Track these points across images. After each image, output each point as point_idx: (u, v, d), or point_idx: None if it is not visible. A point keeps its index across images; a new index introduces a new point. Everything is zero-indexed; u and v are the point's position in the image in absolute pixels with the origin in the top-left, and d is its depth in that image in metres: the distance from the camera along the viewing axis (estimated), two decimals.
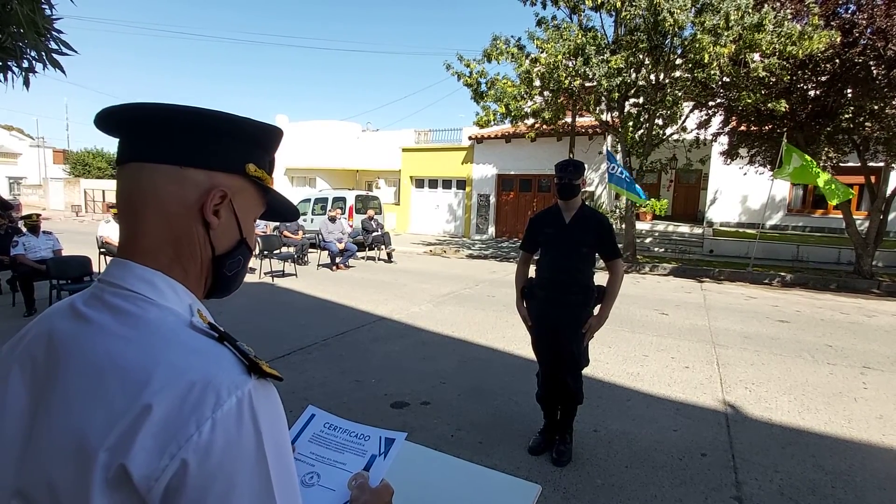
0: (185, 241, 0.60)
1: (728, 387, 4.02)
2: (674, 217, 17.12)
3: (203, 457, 0.47)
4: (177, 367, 0.50)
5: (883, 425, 3.40)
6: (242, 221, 0.65)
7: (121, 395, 0.49)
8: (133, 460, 0.46)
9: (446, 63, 10.56)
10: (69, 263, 5.92)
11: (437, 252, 13.26)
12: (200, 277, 0.64)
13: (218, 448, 0.48)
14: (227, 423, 0.49)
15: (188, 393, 0.49)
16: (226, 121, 0.61)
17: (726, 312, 6.82)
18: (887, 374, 4.46)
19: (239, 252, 0.66)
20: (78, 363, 0.53)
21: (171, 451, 0.47)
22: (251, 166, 0.64)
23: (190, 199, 0.59)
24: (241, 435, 0.49)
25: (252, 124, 0.63)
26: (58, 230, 7.28)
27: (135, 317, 0.55)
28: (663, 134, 10.61)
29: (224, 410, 0.49)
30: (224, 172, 0.61)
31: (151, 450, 0.47)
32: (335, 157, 20.49)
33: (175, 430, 0.47)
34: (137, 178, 0.59)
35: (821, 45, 7.86)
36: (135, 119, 0.60)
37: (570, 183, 2.65)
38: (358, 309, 6.41)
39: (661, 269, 10.59)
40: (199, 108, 0.60)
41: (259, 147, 0.65)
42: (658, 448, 2.99)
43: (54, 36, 2.65)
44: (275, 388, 0.57)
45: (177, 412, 0.48)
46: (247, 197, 0.65)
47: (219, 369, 0.51)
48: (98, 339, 0.54)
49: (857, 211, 12.96)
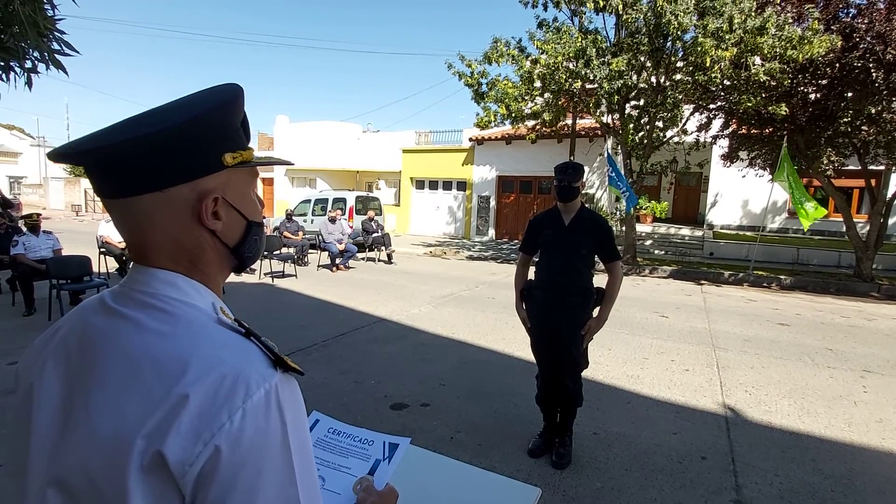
0: (196, 250, 0.61)
1: (728, 390, 4.02)
2: (674, 219, 17.12)
3: (234, 444, 0.50)
4: (210, 360, 0.53)
5: (883, 429, 3.40)
6: (243, 207, 0.65)
7: (158, 386, 0.51)
8: (169, 447, 0.49)
9: (447, 62, 10.58)
10: (69, 263, 5.91)
11: (437, 253, 13.26)
12: (221, 270, 0.66)
13: (248, 436, 0.50)
14: (257, 413, 0.51)
15: (220, 384, 0.51)
16: (183, 128, 0.56)
17: (726, 315, 6.82)
18: (887, 377, 4.45)
19: (252, 234, 0.67)
20: (114, 356, 0.55)
21: (204, 438, 0.49)
22: (228, 157, 0.61)
23: (184, 216, 0.59)
24: (268, 424, 0.52)
25: (210, 113, 0.58)
26: (58, 230, 7.28)
27: (166, 313, 0.57)
28: (664, 136, 10.62)
29: (254, 401, 0.51)
30: (206, 176, 0.59)
31: (187, 436, 0.49)
32: (335, 157, 20.50)
33: (209, 418, 0.50)
34: (127, 212, 0.58)
35: (821, 50, 7.88)
36: (95, 162, 0.57)
37: (569, 185, 2.65)
38: (357, 310, 6.41)
39: (661, 271, 10.59)
40: (153, 130, 0.55)
41: (226, 128, 0.61)
42: (658, 451, 2.99)
43: (56, 36, 2.65)
44: (297, 382, 0.59)
45: (210, 402, 0.50)
46: (236, 183, 0.64)
47: (248, 363, 0.54)
48: (133, 333, 0.56)
49: (857, 214, 12.97)
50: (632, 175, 10.94)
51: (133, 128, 0.56)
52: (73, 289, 5.73)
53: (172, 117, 0.56)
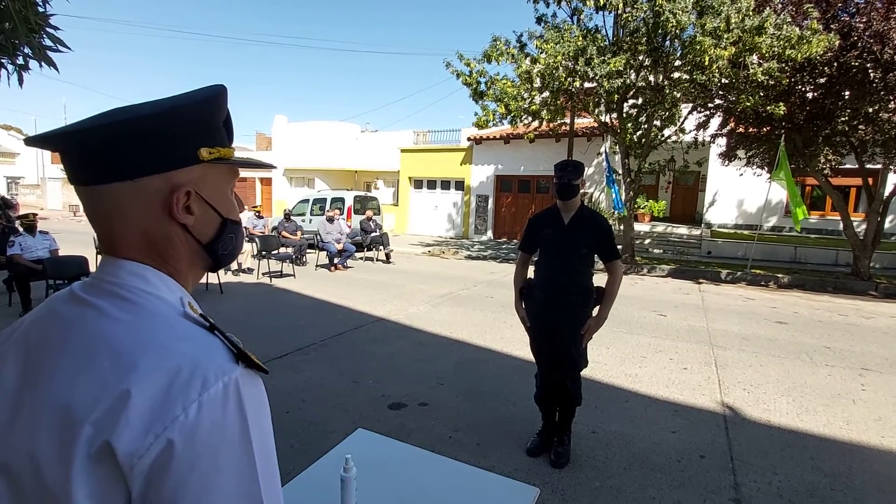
0: (165, 245, 0.60)
1: (726, 388, 4.02)
2: (672, 218, 17.15)
3: (189, 437, 0.48)
4: (167, 351, 0.52)
5: (882, 427, 3.40)
6: (218, 204, 0.64)
7: (111, 373, 0.50)
8: (118, 437, 0.47)
9: (446, 61, 10.54)
10: (66, 263, 5.89)
11: (436, 253, 13.25)
12: (192, 266, 0.64)
13: (204, 429, 0.49)
14: (214, 405, 0.50)
15: (176, 375, 0.50)
16: (162, 118, 0.57)
17: (724, 314, 6.82)
18: (886, 375, 4.46)
19: (227, 232, 0.65)
20: (71, 341, 0.54)
21: (156, 430, 0.47)
22: (203, 152, 0.60)
23: (154, 208, 0.58)
24: (226, 418, 0.50)
25: (189, 107, 0.59)
26: (55, 230, 7.25)
27: (130, 302, 0.56)
28: (662, 135, 10.62)
29: (210, 394, 0.50)
30: (179, 169, 0.59)
31: (137, 428, 0.47)
32: (334, 157, 20.47)
33: (162, 410, 0.48)
34: (97, 200, 0.58)
35: (819, 49, 7.88)
36: (68, 146, 0.57)
37: (569, 183, 2.63)
38: (356, 310, 6.40)
39: (659, 270, 10.60)
40: (126, 117, 0.55)
41: (204, 124, 0.61)
42: (656, 450, 2.98)
43: (48, 33, 2.63)
44: (261, 380, 0.57)
45: (164, 393, 0.49)
46: (213, 179, 0.63)
47: (207, 355, 0.53)
48: (94, 320, 0.55)
49: (854, 213, 12.99)
50: (630, 174, 10.94)
51: (108, 116, 0.56)
52: None
53: (148, 108, 0.57)
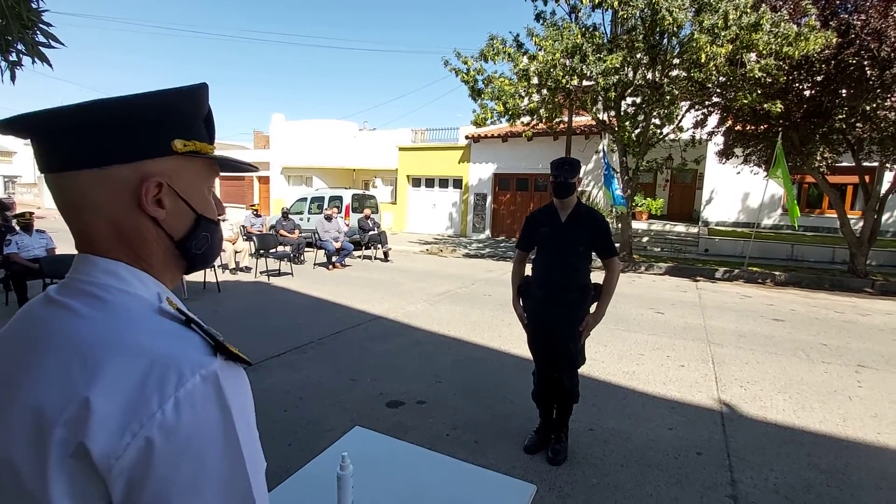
0: (136, 239, 0.58)
1: (723, 385, 4.03)
2: (670, 216, 17.16)
3: (168, 434, 0.47)
4: (139, 347, 0.50)
5: (878, 424, 3.41)
6: (192, 199, 0.62)
7: (80, 373, 0.48)
8: (92, 438, 0.46)
9: (444, 59, 10.55)
10: (62, 262, 5.87)
11: (434, 251, 13.24)
12: (166, 265, 0.62)
13: (184, 425, 0.48)
14: (192, 400, 0.49)
15: (149, 372, 0.49)
16: (133, 106, 0.56)
17: (721, 311, 6.84)
18: (882, 372, 4.48)
19: (200, 230, 0.63)
20: (43, 343, 0.53)
21: (132, 429, 0.46)
22: (178, 143, 0.58)
23: (124, 197, 0.56)
24: (207, 411, 0.49)
25: (163, 97, 0.58)
26: (52, 229, 7.20)
27: (101, 300, 0.55)
28: (660, 133, 10.62)
29: (187, 388, 0.49)
30: (150, 159, 0.57)
31: (111, 428, 0.46)
32: (332, 156, 20.44)
33: (136, 408, 0.47)
34: (66, 188, 0.56)
35: (816, 46, 7.89)
36: (36, 129, 0.56)
37: (565, 181, 2.63)
38: (354, 308, 6.39)
39: (657, 268, 10.61)
40: (99, 101, 0.55)
41: (181, 118, 0.59)
42: (653, 447, 2.99)
43: (41, 29, 2.61)
44: (244, 371, 0.56)
45: (138, 391, 0.48)
46: (188, 173, 0.61)
47: (182, 349, 0.51)
48: (65, 320, 0.54)
49: (851, 210, 13.03)
50: (628, 172, 10.95)
51: (79, 103, 0.55)
52: None
53: (121, 97, 0.56)
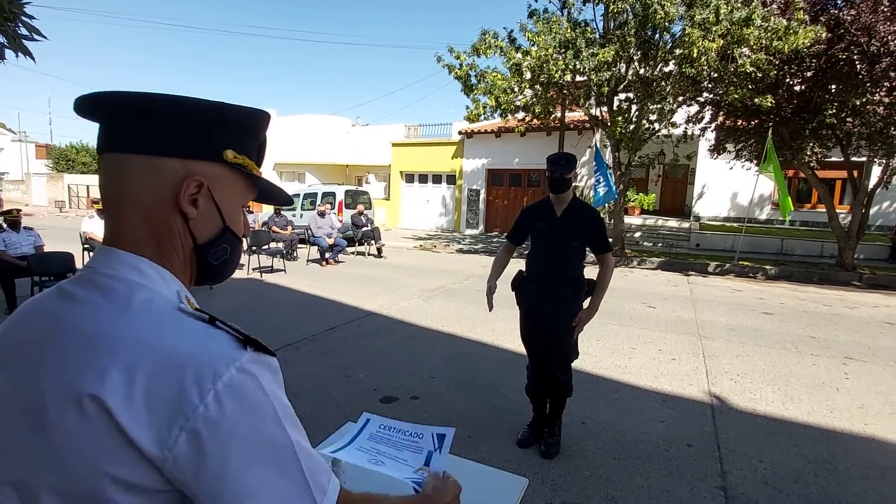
0: (164, 232, 0.60)
1: (714, 378, 4.08)
2: (661, 211, 17.26)
3: (214, 426, 0.49)
4: (169, 346, 0.51)
5: (864, 414, 3.47)
6: (225, 209, 0.64)
7: (117, 375, 0.49)
8: (141, 436, 0.48)
9: (437, 55, 10.50)
10: (51, 259, 5.80)
11: (428, 247, 13.24)
12: (185, 267, 0.63)
13: (228, 415, 0.49)
14: (232, 391, 0.50)
15: (185, 369, 0.50)
16: (200, 107, 0.59)
17: (712, 305, 6.90)
18: (868, 364, 4.55)
19: (223, 240, 0.65)
20: (67, 337, 0.53)
21: (179, 423, 0.48)
22: (230, 153, 0.61)
23: (164, 189, 0.58)
24: (247, 399, 0.51)
25: (230, 109, 0.61)
26: (41, 226, 7.13)
27: (124, 297, 0.55)
28: (652, 129, 10.66)
29: (225, 381, 0.50)
30: (200, 160, 0.60)
31: (158, 425, 0.48)
32: (324, 151, 20.33)
33: (179, 404, 0.48)
34: (113, 169, 0.59)
35: (806, 41, 7.94)
36: (108, 108, 0.59)
37: (561, 177, 2.64)
38: (347, 304, 6.38)
39: (649, 263, 10.69)
40: (172, 96, 0.58)
41: (240, 133, 0.63)
42: (645, 439, 3.02)
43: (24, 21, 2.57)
44: (275, 360, 0.57)
45: (178, 387, 0.49)
46: (229, 184, 0.63)
47: (212, 345, 0.53)
48: (88, 314, 0.54)
49: (839, 205, 13.17)
50: (620, 167, 10.99)
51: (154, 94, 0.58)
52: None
53: (201, 100, 0.60)
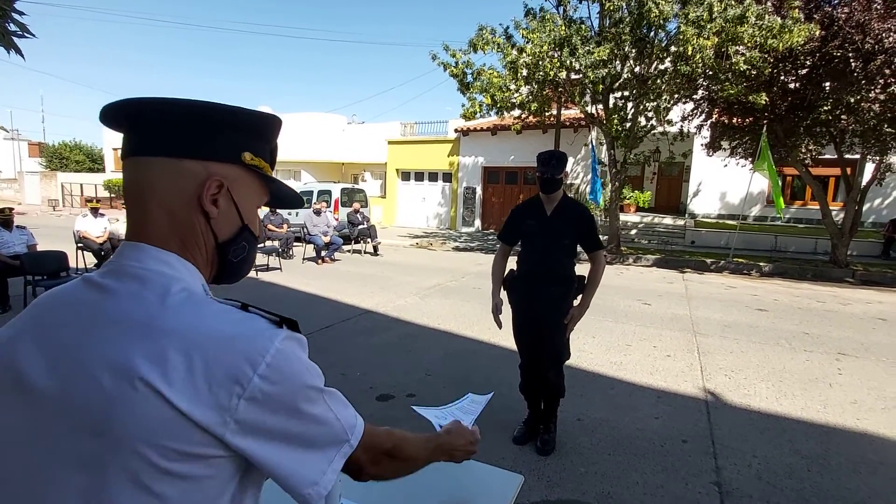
0: (188, 231, 0.63)
1: (708, 374, 4.10)
2: (657, 209, 17.33)
3: (266, 393, 0.56)
4: (217, 329, 0.56)
5: (857, 410, 3.50)
6: (243, 209, 0.68)
7: (175, 357, 0.53)
8: (198, 410, 0.53)
9: (432, 53, 10.44)
10: (45, 258, 5.77)
11: (424, 245, 13.23)
12: (207, 264, 0.67)
13: (276, 382, 0.56)
14: (276, 363, 0.56)
15: (236, 348, 0.55)
16: (219, 111, 0.63)
17: (707, 302, 6.94)
18: (861, 360, 4.58)
19: (242, 238, 0.69)
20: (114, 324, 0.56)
21: (237, 392, 0.54)
22: (247, 155, 0.65)
23: (188, 190, 0.62)
24: (292, 365, 0.58)
25: (247, 113, 0.65)
26: (34, 225, 7.07)
27: (164, 286, 0.59)
28: (648, 126, 10.69)
29: (271, 354, 0.56)
30: (220, 162, 0.64)
31: (218, 396, 0.54)
32: (320, 149, 20.26)
33: (235, 378, 0.54)
34: (138, 172, 0.62)
35: (800, 39, 7.97)
36: (132, 115, 0.63)
37: (552, 178, 2.63)
38: (343, 302, 6.38)
39: (644, 260, 10.72)
40: (192, 101, 0.62)
41: (256, 136, 0.67)
42: (640, 435, 3.04)
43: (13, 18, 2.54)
44: (303, 336, 0.63)
45: (232, 364, 0.54)
46: (246, 185, 0.67)
47: (254, 326, 0.58)
48: (132, 302, 0.57)
49: (833, 202, 13.26)
50: (616, 165, 11.01)
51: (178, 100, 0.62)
52: (49, 285, 5.59)
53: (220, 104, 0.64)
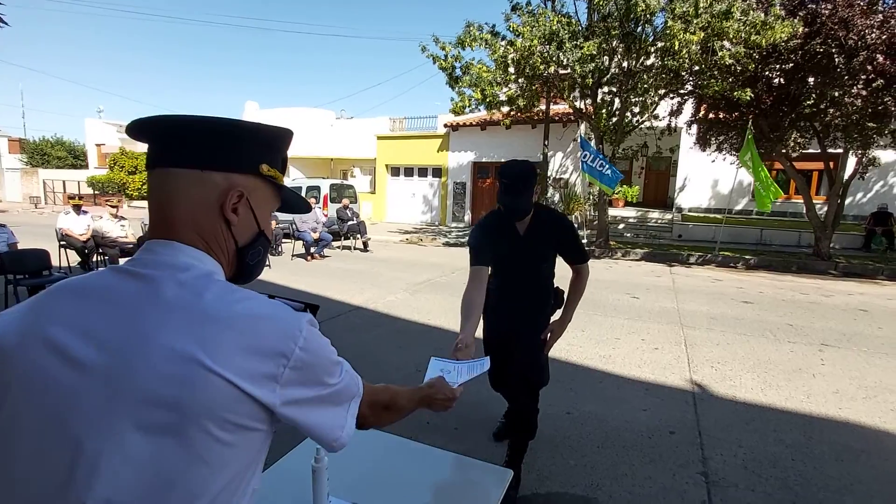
0: (211, 236, 0.70)
1: (695, 366, 4.16)
2: (645, 203, 17.47)
3: (305, 362, 0.66)
4: (258, 312, 0.65)
5: (839, 399, 3.58)
6: (259, 216, 0.75)
7: (229, 338, 0.61)
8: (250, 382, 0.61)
9: (422, 45, 10.40)
10: (26, 257, 5.65)
11: (414, 241, 13.21)
12: (227, 266, 0.74)
13: (312, 352, 0.67)
14: (309, 338, 0.67)
15: (276, 328, 0.65)
16: (242, 129, 0.71)
17: (694, 295, 7.03)
18: (843, 350, 4.68)
19: (259, 243, 0.76)
20: (167, 310, 0.61)
21: (282, 363, 0.64)
22: (264, 166, 0.73)
23: (211, 198, 0.68)
24: (319, 339, 0.70)
25: (264, 129, 0.73)
26: (15, 223, 6.93)
27: (201, 276, 0.65)
28: (636, 121, 10.75)
29: (304, 332, 0.67)
30: (240, 173, 0.70)
31: (268, 366, 0.63)
32: (309, 145, 20.07)
33: (280, 351, 0.64)
34: (164, 182, 0.68)
35: (783, 35, 8.07)
36: (161, 129, 0.69)
37: (516, 209, 2.19)
38: (333, 299, 6.35)
39: (632, 254, 10.82)
40: (218, 119, 0.69)
41: (271, 148, 0.74)
42: (628, 428, 3.08)
43: None
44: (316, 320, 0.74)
45: (275, 341, 0.64)
46: (262, 194, 0.74)
47: (286, 310, 0.68)
48: (180, 291, 0.63)
49: (816, 196, 13.49)
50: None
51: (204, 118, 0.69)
52: (31, 284, 5.49)
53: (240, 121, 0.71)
